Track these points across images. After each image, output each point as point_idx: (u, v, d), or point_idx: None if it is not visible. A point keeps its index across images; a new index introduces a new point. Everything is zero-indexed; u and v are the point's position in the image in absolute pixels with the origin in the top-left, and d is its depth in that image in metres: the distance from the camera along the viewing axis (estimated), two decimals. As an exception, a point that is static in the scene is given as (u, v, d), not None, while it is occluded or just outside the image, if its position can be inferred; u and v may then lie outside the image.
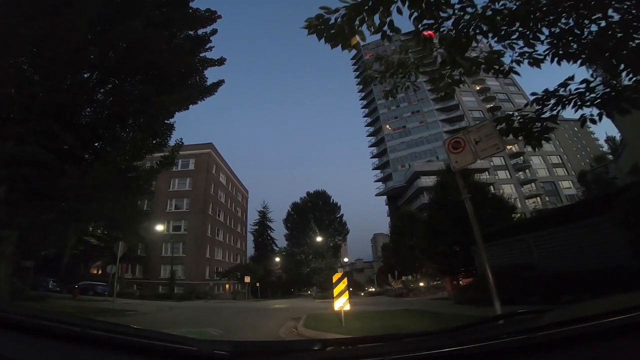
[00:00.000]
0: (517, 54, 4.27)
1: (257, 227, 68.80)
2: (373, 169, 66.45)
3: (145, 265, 40.51)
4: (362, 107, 74.39)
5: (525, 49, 4.25)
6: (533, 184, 54.87)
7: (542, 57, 4.31)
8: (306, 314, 13.36)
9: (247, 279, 39.02)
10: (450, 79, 4.95)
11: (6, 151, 10.83)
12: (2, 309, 1.03)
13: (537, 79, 13.50)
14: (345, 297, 8.27)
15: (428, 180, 51.37)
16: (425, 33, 4.05)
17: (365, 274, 79.05)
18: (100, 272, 41.43)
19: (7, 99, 11.10)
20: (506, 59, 4.53)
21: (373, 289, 58.65)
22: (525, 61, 4.30)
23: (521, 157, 58.17)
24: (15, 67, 11.07)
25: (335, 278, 8.46)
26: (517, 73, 4.51)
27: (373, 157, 67.00)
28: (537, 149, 5.16)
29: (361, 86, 76.66)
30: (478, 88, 64.08)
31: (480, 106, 61.79)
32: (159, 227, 34.75)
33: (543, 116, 4.91)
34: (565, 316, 1.01)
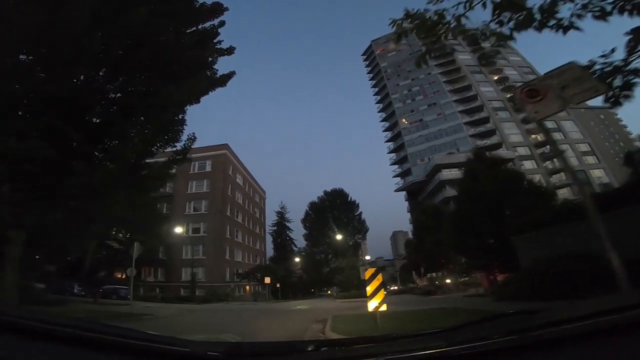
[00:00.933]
0: (579, 6, 3.60)
1: (275, 227, 68.30)
2: (391, 164, 64.86)
3: (167, 268, 40.35)
4: (377, 102, 72.77)
5: None
6: (563, 174, 51.93)
7: (610, 8, 3.50)
8: (331, 315, 12.45)
9: (268, 280, 38.29)
10: (498, 37, 4.18)
11: (7, 147, 10.21)
12: None
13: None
14: (381, 296, 7.12)
15: (450, 173, 49.66)
16: None
17: (386, 272, 77.26)
18: (123, 275, 41.63)
19: (7, 93, 10.44)
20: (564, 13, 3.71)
21: (395, 287, 57.01)
22: (588, 15, 3.59)
23: (548, 146, 55.37)
24: (14, 58, 10.40)
25: (368, 274, 7.31)
26: (578, 28, 3.69)
27: (390, 152, 65.39)
28: (615, 107, 4.35)
29: (374, 81, 75.39)
30: (496, 78, 61.59)
31: (499, 96, 59.20)
32: (178, 230, 34.40)
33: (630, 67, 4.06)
34: (558, 316, 0.99)
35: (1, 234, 11.69)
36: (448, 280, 33.40)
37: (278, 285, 45.79)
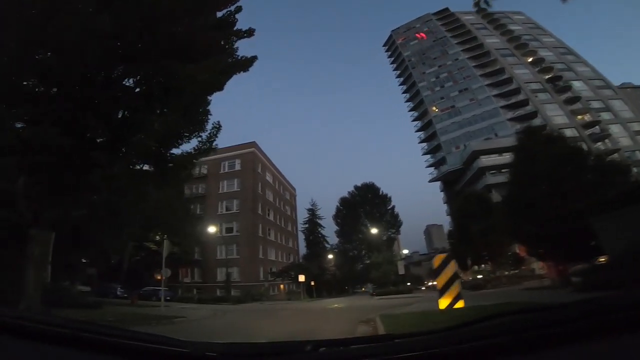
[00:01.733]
0: None
1: (307, 225, 67.23)
2: (423, 154, 61.70)
3: (203, 269, 40.21)
4: (403, 92, 69.72)
5: None
6: (617, 154, 47.00)
7: None
8: (376, 315, 10.82)
9: (302, 278, 37.10)
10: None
11: (18, 135, 9.39)
12: None
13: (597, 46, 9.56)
14: (455, 291, 5.41)
15: (489, 160, 46.33)
16: None
17: (423, 267, 74.12)
18: (164, 278, 42.09)
19: (17, 79, 9.64)
20: None
21: (434, 283, 54.07)
22: None
23: (597, 127, 50.44)
24: (18, 42, 9.54)
25: (437, 261, 5.65)
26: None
27: (421, 141, 62.19)
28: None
29: (399, 71, 72.32)
30: (530, 60, 57.35)
31: (536, 78, 54.97)
32: (212, 229, 33.94)
33: None
34: (556, 316, 0.96)
35: (23, 232, 11.11)
36: (497, 273, 30.47)
37: (312, 284, 44.57)
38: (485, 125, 52.35)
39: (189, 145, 14.06)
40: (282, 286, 45.73)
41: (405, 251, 39.86)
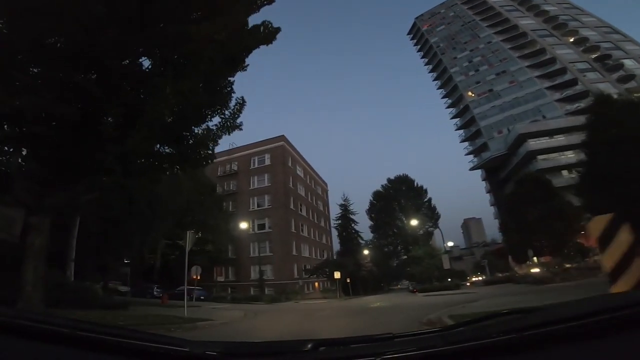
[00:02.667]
0: None
1: (339, 221, 64.70)
2: (461, 142, 57.34)
3: (237, 267, 39.00)
4: (434, 80, 65.39)
5: None
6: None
7: None
8: (436, 314, 9.29)
9: (338, 275, 34.78)
10: None
11: (15, 104, 7.78)
12: None
13: None
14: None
15: (538, 143, 41.73)
16: None
17: (464, 261, 69.33)
18: (198, 277, 41.38)
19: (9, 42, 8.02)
20: None
21: (480, 278, 49.84)
22: None
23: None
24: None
25: (597, 225, 3.07)
26: None
27: (458, 128, 57.83)
28: None
29: (427, 59, 68.08)
30: (572, 40, 52.12)
31: (582, 57, 49.68)
32: (244, 225, 32.44)
33: None
34: (553, 315, 0.97)
35: (24, 220, 9.69)
36: (566, 265, 26.38)
37: (348, 281, 42.12)
38: (530, 107, 47.59)
39: (211, 124, 12.26)
40: (317, 284, 43.66)
41: (450, 243, 36.32)
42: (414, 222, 35.69)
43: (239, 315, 14.24)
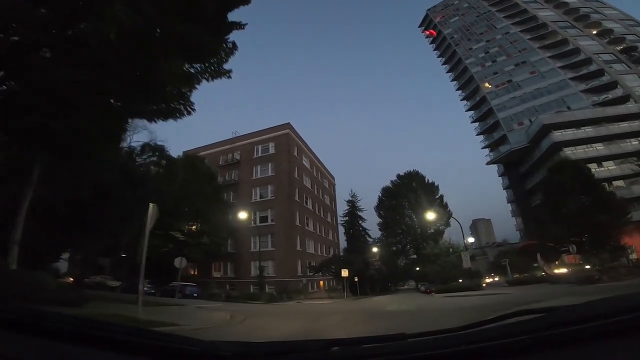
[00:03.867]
0: None
1: (347, 218, 60.99)
2: (477, 134, 53.24)
3: (236, 263, 35.56)
4: (447, 72, 61.39)
5: None
6: None
7: None
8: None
9: (345, 273, 31.13)
10: None
11: None
12: (4, 309, 0.98)
13: None
14: None
15: (564, 135, 37.69)
16: None
17: (476, 262, 65.04)
18: (196, 272, 38.08)
19: None
20: None
21: (495, 279, 45.68)
22: None
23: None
24: None
25: None
26: None
27: (474, 121, 53.79)
28: None
29: (440, 51, 64.29)
30: (595, 32, 48.51)
31: (606, 49, 45.98)
32: (243, 215, 28.87)
33: None
34: (571, 316, 0.93)
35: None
36: (613, 262, 22.28)
37: (356, 279, 38.48)
38: (554, 98, 43.59)
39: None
40: (322, 282, 40.06)
41: (471, 239, 32.39)
42: (430, 216, 31.63)
43: (222, 319, 10.68)
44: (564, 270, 23.57)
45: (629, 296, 0.94)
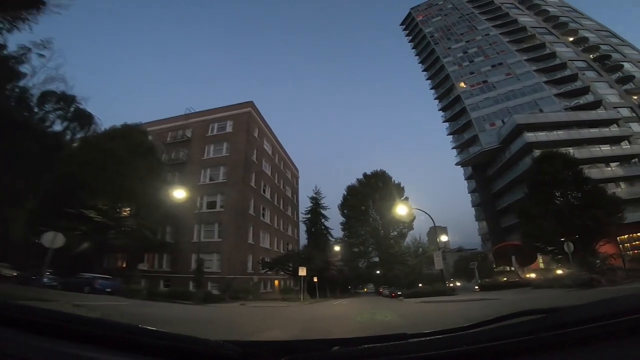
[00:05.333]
0: None
1: (309, 215, 55.98)
2: (448, 134, 50.67)
3: (175, 255, 28.90)
4: (423, 70, 58.88)
5: None
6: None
7: None
8: None
9: (303, 272, 25.87)
10: None
11: None
12: (9, 308, 0.97)
13: None
14: None
15: (536, 137, 35.54)
16: None
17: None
18: (124, 264, 30.83)
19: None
20: None
21: (458, 283, 42.72)
22: None
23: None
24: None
25: None
26: None
27: (445, 121, 51.29)
28: None
29: (418, 49, 62.12)
30: (571, 39, 48.27)
31: (580, 56, 45.77)
32: (180, 194, 22.49)
33: None
34: (573, 317, 0.93)
35: None
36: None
37: (315, 280, 33.30)
38: (527, 100, 41.93)
39: None
40: (277, 282, 34.38)
41: (444, 238, 28.44)
42: (402, 210, 27.25)
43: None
44: (533, 275, 20.26)
45: (631, 297, 0.90)
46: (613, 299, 0.91)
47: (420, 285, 31.38)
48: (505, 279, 28.39)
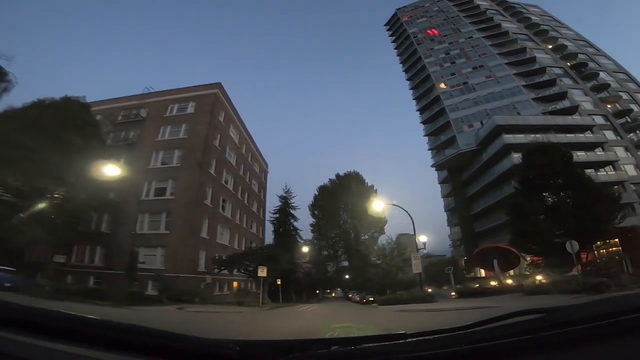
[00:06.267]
0: None
1: (277, 215, 51.82)
2: (425, 135, 48.64)
3: (111, 248, 23.75)
4: (404, 70, 57.08)
5: None
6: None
7: None
8: None
9: (263, 272, 21.83)
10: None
11: None
12: (9, 308, 0.95)
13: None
14: None
15: (517, 138, 34.04)
16: None
17: (407, 272, 60.31)
18: (51, 256, 25.14)
19: None
20: None
21: (430, 290, 40.12)
22: None
23: (628, 117, 40.05)
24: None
25: None
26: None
27: (423, 122, 49.44)
28: None
29: (401, 49, 60.60)
30: (551, 47, 48.41)
31: (559, 63, 45.78)
32: (113, 171, 17.72)
33: None
34: (572, 316, 0.92)
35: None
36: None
37: (279, 282, 29.24)
38: (506, 103, 40.89)
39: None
40: (235, 284, 29.91)
41: (424, 239, 25.52)
42: (378, 205, 23.96)
43: None
44: (509, 280, 17.73)
45: (629, 296, 0.90)
46: (611, 298, 0.89)
47: (392, 291, 28.38)
48: (477, 285, 26.06)
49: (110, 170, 18.32)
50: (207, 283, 24.27)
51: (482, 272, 40.46)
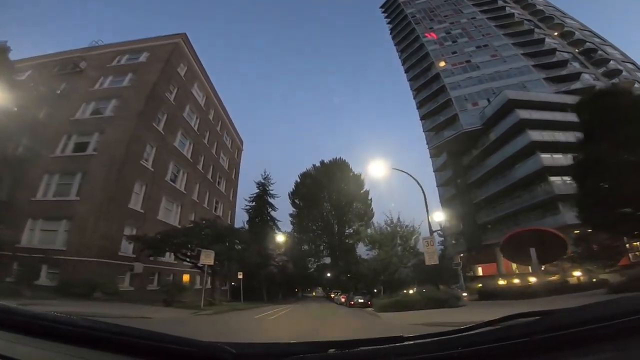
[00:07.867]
0: None
1: (253, 203, 44.76)
2: (421, 118, 42.76)
3: (3, 220, 16.18)
4: (399, 51, 51.25)
5: None
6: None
7: None
8: None
9: (208, 259, 15.03)
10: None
11: None
12: (2, 310, 0.93)
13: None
14: None
15: (532, 114, 28.64)
16: None
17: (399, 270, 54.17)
18: None
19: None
20: None
21: (424, 289, 33.99)
22: None
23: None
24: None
25: None
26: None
27: (418, 103, 43.66)
28: None
29: (397, 30, 55.02)
30: (556, 33, 43.87)
31: (567, 49, 41.08)
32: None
33: None
34: (567, 319, 0.89)
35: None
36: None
37: (241, 276, 22.36)
38: (514, 82, 35.79)
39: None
40: (186, 277, 22.62)
41: (440, 218, 19.22)
42: (377, 170, 17.49)
43: None
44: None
45: (626, 299, 0.87)
46: (608, 301, 0.86)
47: (391, 290, 22.08)
48: (480, 285, 20.25)
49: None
50: (137, 273, 17.05)
51: (480, 271, 34.85)
